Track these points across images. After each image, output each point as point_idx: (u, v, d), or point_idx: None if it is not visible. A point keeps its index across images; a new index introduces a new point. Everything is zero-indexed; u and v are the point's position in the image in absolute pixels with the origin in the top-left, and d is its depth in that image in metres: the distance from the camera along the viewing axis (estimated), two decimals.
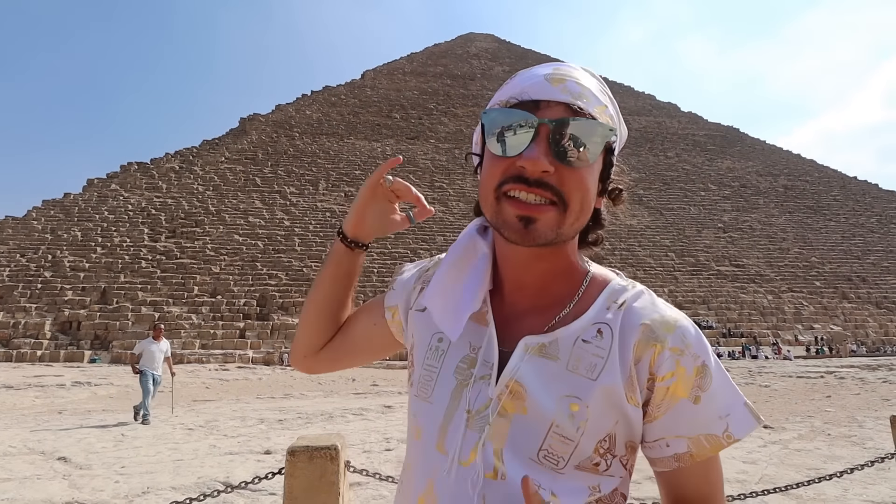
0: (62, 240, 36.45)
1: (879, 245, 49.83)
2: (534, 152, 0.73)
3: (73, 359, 26.66)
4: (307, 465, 1.98)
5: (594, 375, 0.75)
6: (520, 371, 0.76)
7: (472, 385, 0.78)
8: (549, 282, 0.82)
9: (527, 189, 0.74)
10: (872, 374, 17.11)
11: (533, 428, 0.74)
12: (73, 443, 7.15)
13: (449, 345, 0.83)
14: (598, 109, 0.79)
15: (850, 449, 6.68)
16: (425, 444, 0.80)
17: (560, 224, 0.75)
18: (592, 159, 0.76)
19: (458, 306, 0.81)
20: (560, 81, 0.78)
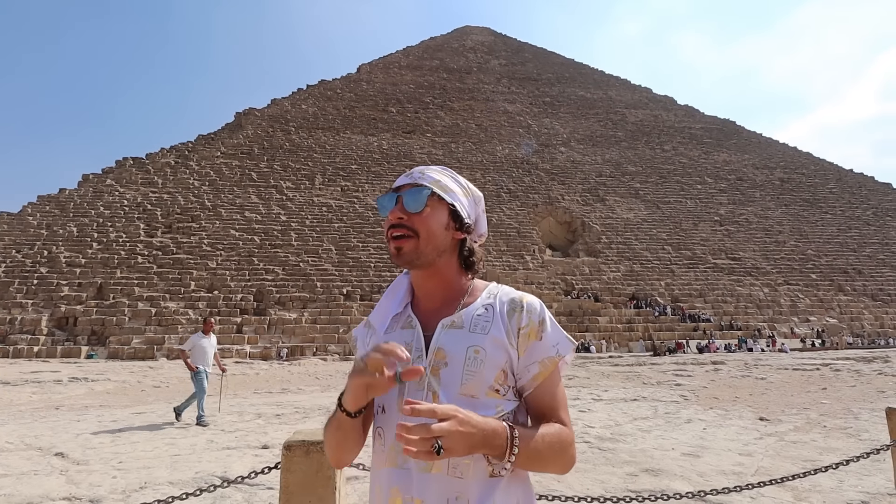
0: (58, 235, 36.28)
1: (875, 238, 50.03)
2: (394, 209, 1.29)
3: (70, 354, 26.60)
4: (303, 459, 1.96)
5: (486, 331, 1.23)
6: (440, 340, 1.24)
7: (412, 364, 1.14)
8: (441, 290, 1.32)
9: (395, 229, 1.27)
10: (868, 365, 17.21)
11: (453, 372, 1.19)
12: (70, 438, 7.15)
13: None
14: (430, 182, 1.30)
15: (845, 441, 6.72)
16: (390, 412, 1.22)
17: (417, 247, 1.25)
18: (420, 208, 1.27)
19: (387, 313, 1.32)
20: (409, 174, 1.34)
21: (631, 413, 9.03)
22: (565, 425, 1.24)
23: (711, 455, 5.95)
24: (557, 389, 1.27)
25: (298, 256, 37.35)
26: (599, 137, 65.18)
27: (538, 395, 1.24)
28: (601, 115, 71.24)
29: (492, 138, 61.36)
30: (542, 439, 1.17)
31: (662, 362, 21.74)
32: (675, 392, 12.09)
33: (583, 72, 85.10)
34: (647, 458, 5.81)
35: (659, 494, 2.84)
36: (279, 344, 29.74)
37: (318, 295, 33.95)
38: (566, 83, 79.25)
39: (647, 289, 39.45)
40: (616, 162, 59.75)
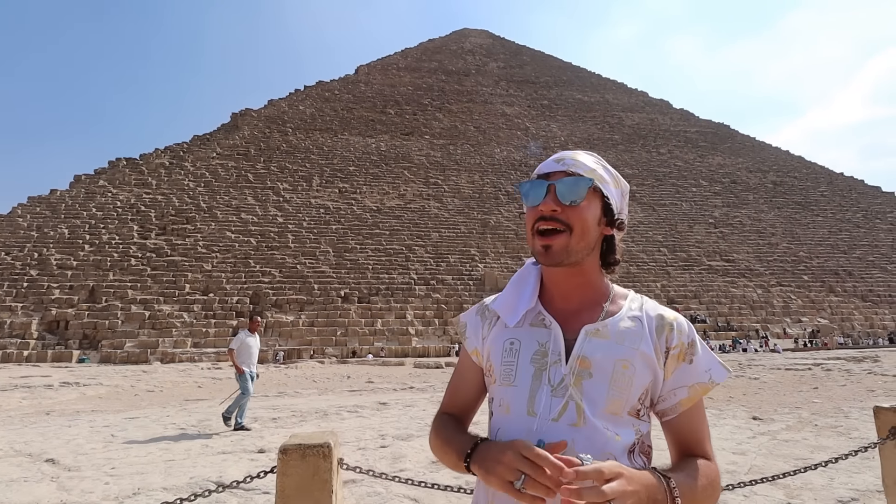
0: (48, 237, 36.01)
1: (865, 240, 50.44)
2: (547, 200, 1.17)
3: (61, 359, 26.36)
4: (300, 463, 1.97)
5: (636, 346, 1.14)
6: (584, 349, 1.14)
7: (548, 368, 1.13)
8: (582, 291, 1.22)
9: (545, 222, 1.17)
10: (858, 365, 17.35)
11: (598, 385, 1.10)
12: (61, 444, 7.09)
13: (520, 345, 1.18)
14: (585, 171, 1.19)
15: (836, 439, 6.77)
16: (516, 414, 1.13)
17: (568, 245, 1.16)
18: (580, 200, 1.16)
19: (517, 306, 1.22)
20: (560, 160, 1.22)
21: None
22: (710, 459, 1.15)
23: None
24: (703, 418, 1.19)
25: (295, 258, 37.25)
26: (596, 140, 65.44)
27: (683, 422, 1.16)
28: (598, 118, 71.53)
29: (490, 140, 61.48)
30: (697, 485, 1.08)
31: None
32: None
33: (580, 75, 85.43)
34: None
35: None
36: (276, 347, 29.63)
37: (316, 297, 33.87)
38: (564, 86, 79.53)
39: (644, 290, 39.51)
40: (613, 165, 58.98)
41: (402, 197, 48.27)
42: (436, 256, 39.92)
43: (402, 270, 37.46)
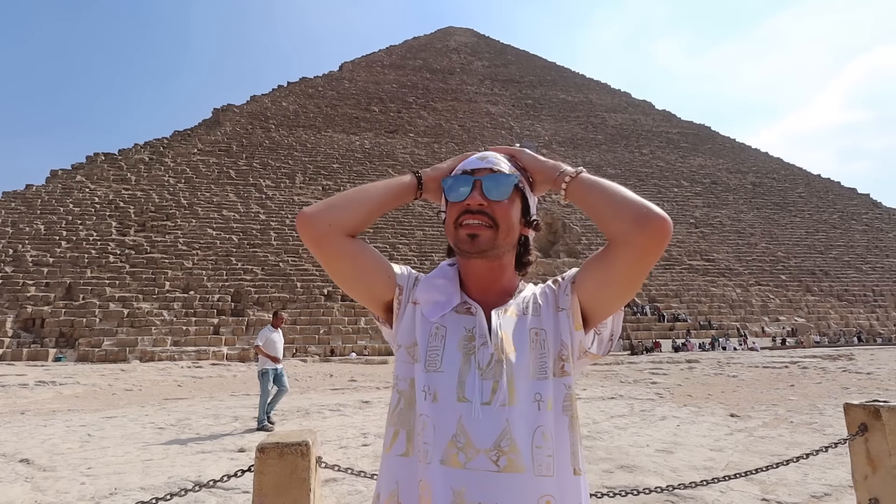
0: (24, 233, 35.14)
1: (841, 241, 51.67)
2: (473, 195, 1.20)
3: (37, 357, 25.78)
4: (277, 461, 1.96)
5: (541, 312, 1.19)
6: (501, 326, 1.16)
7: (476, 352, 1.14)
8: (498, 285, 1.25)
9: (471, 216, 1.19)
10: (833, 363, 17.76)
11: (521, 358, 1.13)
12: (36, 444, 6.94)
13: (446, 331, 1.18)
14: (509, 170, 1.24)
15: (810, 435, 6.93)
16: (444, 401, 1.11)
17: (495, 238, 1.19)
18: (505, 196, 1.20)
19: (442, 302, 1.21)
20: (484, 158, 1.25)
21: (608, 411, 9.16)
22: None
23: (684, 451, 6.08)
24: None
25: (278, 256, 36.91)
26: (580, 140, 65.95)
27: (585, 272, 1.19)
28: (582, 118, 72.09)
29: (474, 139, 61.55)
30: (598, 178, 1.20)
31: (639, 361, 22.09)
32: (650, 390, 12.31)
33: (564, 75, 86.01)
34: (623, 454, 5.91)
35: (633, 490, 2.90)
36: None
37: (299, 295, 33.60)
38: (548, 86, 79.99)
39: None
40: (596, 164, 60.50)
41: None
42: (420, 255, 39.88)
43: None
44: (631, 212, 1.08)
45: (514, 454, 1.05)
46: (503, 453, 1.05)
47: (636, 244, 1.07)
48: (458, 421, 1.08)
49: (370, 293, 1.28)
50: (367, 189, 1.28)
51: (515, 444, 1.06)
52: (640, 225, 1.06)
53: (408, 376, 1.18)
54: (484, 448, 1.06)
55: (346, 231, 1.23)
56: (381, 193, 1.28)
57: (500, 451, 1.05)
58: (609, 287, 1.14)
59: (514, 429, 1.07)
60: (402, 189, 1.31)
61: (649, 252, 1.07)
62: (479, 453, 1.05)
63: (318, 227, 1.20)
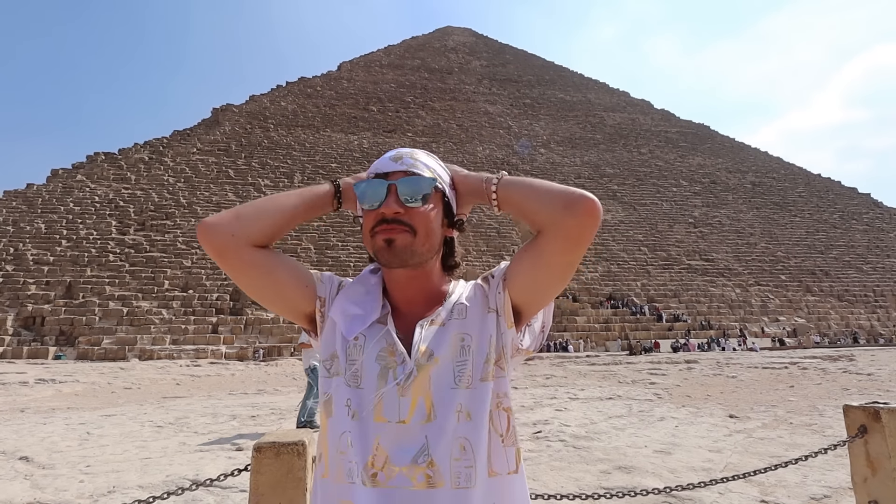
0: (25, 232, 35.14)
1: (841, 240, 51.67)
2: (388, 202, 1.11)
3: (37, 355, 25.78)
4: (273, 461, 1.96)
5: (466, 314, 1.15)
6: (422, 338, 1.10)
7: (396, 367, 1.09)
8: (424, 294, 1.19)
9: (387, 226, 1.11)
10: (833, 364, 17.75)
11: (444, 369, 1.09)
12: (35, 442, 6.94)
13: (365, 341, 1.12)
14: (425, 171, 1.15)
15: (810, 437, 6.91)
16: (364, 419, 1.07)
17: (413, 244, 1.11)
18: (424, 201, 1.12)
19: (361, 316, 1.15)
20: (398, 159, 1.16)
21: (606, 411, 9.15)
22: None
23: (682, 452, 6.07)
24: None
25: None
26: (578, 139, 65.95)
27: (516, 266, 1.15)
28: (580, 117, 72.09)
29: (473, 139, 61.56)
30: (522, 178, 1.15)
31: (638, 361, 22.09)
32: (649, 391, 12.30)
33: (562, 74, 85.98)
34: (621, 455, 5.90)
35: (631, 492, 2.89)
36: (256, 344, 29.34)
37: None
38: (546, 85, 79.98)
39: (624, 289, 40.04)
40: (594, 164, 60.52)
41: None
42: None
43: None
44: (560, 198, 1.06)
45: (431, 470, 1.03)
46: (421, 470, 1.03)
47: (567, 227, 1.04)
48: (377, 440, 1.05)
49: (288, 306, 1.22)
50: (278, 198, 1.20)
51: (433, 460, 1.04)
52: (570, 208, 1.04)
53: (326, 391, 1.13)
54: (402, 466, 1.03)
55: (252, 242, 1.15)
56: (293, 203, 1.19)
57: (417, 468, 1.03)
58: (541, 278, 1.11)
59: (433, 445, 1.04)
60: (318, 199, 1.21)
61: (581, 235, 1.05)
62: (397, 472, 1.03)
63: (219, 237, 1.13)
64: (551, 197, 1.07)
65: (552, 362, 22.71)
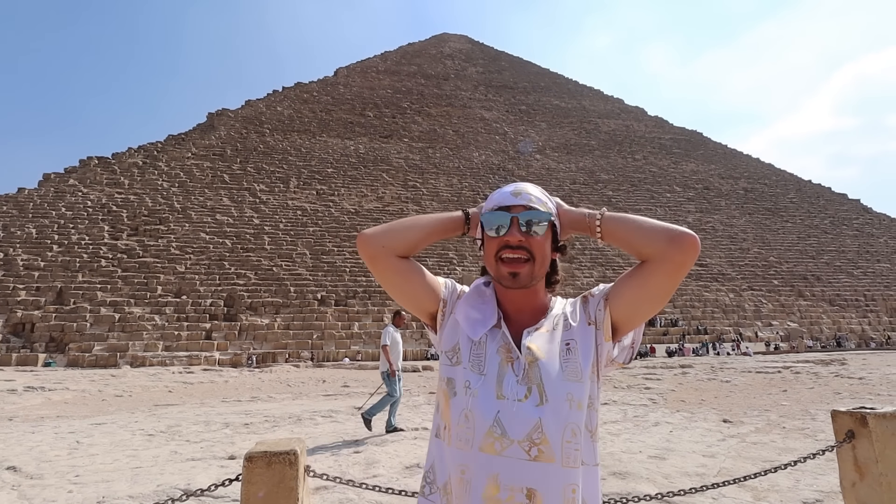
0: (15, 237, 34.84)
1: (832, 246, 52.08)
2: (513, 231, 1.34)
3: (26, 362, 25.51)
4: (265, 470, 1.94)
5: (570, 326, 1.34)
6: (531, 340, 1.30)
7: (514, 362, 1.28)
8: (532, 307, 1.39)
9: (512, 251, 1.33)
10: (825, 368, 17.86)
11: (553, 363, 1.28)
12: (23, 451, 6.85)
13: (487, 339, 1.33)
14: (541, 206, 1.37)
15: (802, 441, 6.94)
16: (485, 397, 1.25)
17: (533, 272, 1.34)
18: (542, 232, 1.35)
19: (481, 323, 1.35)
20: (518, 194, 1.37)
21: (601, 417, 9.14)
22: None
23: (677, 457, 6.08)
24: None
25: (271, 261, 36.77)
26: (573, 146, 66.26)
27: (619, 288, 1.35)
28: (575, 124, 72.47)
29: (468, 144, 61.72)
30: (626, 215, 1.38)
31: (633, 366, 22.12)
32: (644, 395, 12.32)
33: (557, 81, 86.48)
34: (616, 461, 5.90)
35: (624, 497, 2.89)
36: (250, 350, 29.16)
37: (292, 300, 33.46)
38: (542, 92, 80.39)
39: None
40: (589, 170, 60.80)
41: (380, 199, 48.10)
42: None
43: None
44: (665, 234, 1.27)
45: (544, 446, 1.20)
46: (535, 444, 1.20)
47: (673, 260, 1.25)
48: (496, 414, 1.22)
49: (417, 304, 1.45)
50: (421, 219, 1.45)
51: (546, 437, 1.21)
52: (676, 243, 1.25)
53: (449, 377, 1.33)
54: (517, 439, 1.20)
55: (397, 253, 1.41)
56: (433, 225, 1.45)
57: (532, 442, 1.20)
58: (644, 301, 1.31)
59: (546, 424, 1.21)
60: (452, 224, 1.46)
61: (683, 265, 1.26)
62: (513, 443, 1.20)
63: (373, 247, 1.39)
64: (657, 233, 1.29)
65: None
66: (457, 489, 1.23)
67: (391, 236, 1.40)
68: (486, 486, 1.18)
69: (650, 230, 1.30)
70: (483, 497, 1.18)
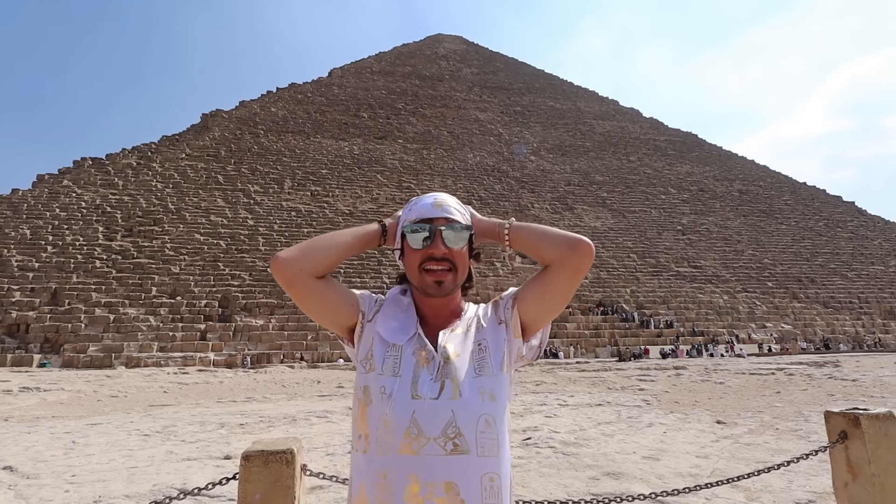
0: (9, 238, 34.63)
1: (826, 248, 52.40)
2: (437, 244, 1.40)
3: (21, 363, 25.36)
4: (262, 469, 1.96)
5: (481, 327, 1.43)
6: (447, 341, 1.38)
7: (428, 363, 1.34)
8: (448, 312, 1.46)
9: (436, 263, 1.40)
10: (819, 370, 17.97)
11: (466, 361, 1.35)
12: (19, 451, 6.83)
13: (403, 344, 1.38)
14: (461, 218, 1.45)
15: (796, 442, 7.00)
16: (400, 399, 1.29)
17: (455, 280, 1.43)
18: (463, 244, 1.43)
19: (401, 331, 1.40)
20: (439, 206, 1.45)
21: (595, 418, 9.20)
22: None
23: (670, 458, 6.12)
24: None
25: (266, 262, 36.63)
26: (568, 147, 66.42)
27: (526, 291, 1.44)
28: (570, 125, 72.65)
29: (463, 146, 61.77)
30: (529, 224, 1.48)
31: (627, 368, 22.20)
32: (638, 397, 12.38)
33: (552, 83, 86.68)
34: (609, 461, 5.94)
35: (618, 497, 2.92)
36: (245, 351, 29.08)
37: (286, 301, 33.36)
38: (536, 93, 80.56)
39: (614, 296, 40.26)
40: (584, 171, 60.96)
41: (374, 201, 48.09)
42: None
43: (374, 274, 37.25)
44: (565, 241, 1.38)
45: (459, 439, 1.26)
46: (450, 439, 1.25)
47: (571, 264, 1.37)
48: (412, 415, 1.27)
49: (336, 321, 1.49)
50: (337, 237, 1.46)
51: (461, 430, 1.26)
52: (574, 249, 1.36)
53: (364, 385, 1.37)
54: (433, 436, 1.25)
55: (315, 274, 1.42)
56: (350, 241, 1.47)
57: (447, 437, 1.25)
58: (547, 301, 1.42)
59: (460, 418, 1.27)
60: (369, 237, 1.50)
61: (580, 269, 1.37)
62: (429, 441, 1.25)
63: (290, 272, 1.39)
64: (558, 240, 1.39)
65: (542, 369, 22.76)
66: (379, 495, 1.24)
67: (309, 258, 1.40)
68: (407, 487, 1.22)
69: (552, 237, 1.40)
70: (405, 498, 1.21)
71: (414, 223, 1.43)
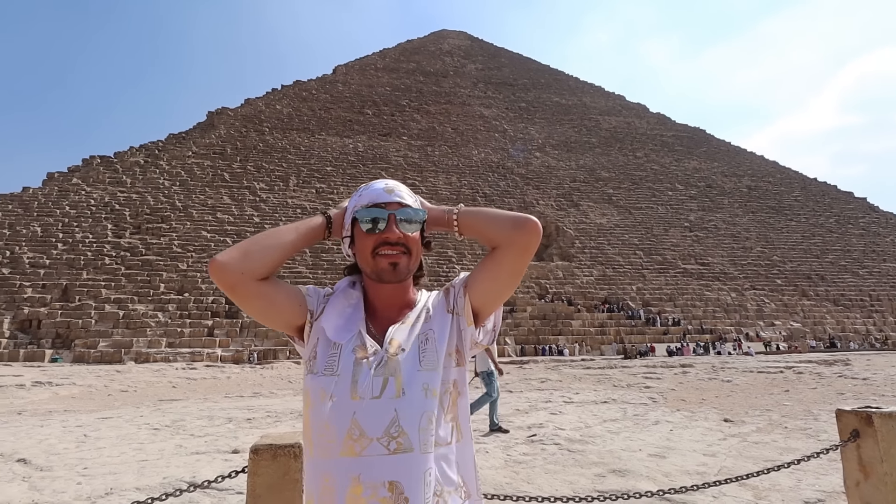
0: (21, 235, 35.01)
1: (837, 245, 51.90)
2: (391, 228, 1.36)
3: (34, 358, 25.68)
4: (270, 463, 1.98)
5: (431, 317, 1.38)
6: (393, 336, 1.32)
7: (368, 357, 1.29)
8: (400, 301, 1.41)
9: (390, 247, 1.35)
10: (829, 368, 17.82)
11: (412, 355, 1.30)
12: (33, 444, 6.93)
13: (344, 341, 1.32)
14: (414, 203, 1.42)
15: (805, 441, 6.94)
16: (340, 400, 1.25)
17: (409, 265, 1.38)
18: (417, 229, 1.40)
19: (344, 328, 1.35)
20: (390, 191, 1.40)
21: (601, 415, 9.18)
22: None
23: (677, 456, 6.10)
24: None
25: None
26: (574, 143, 66.12)
27: (475, 275, 1.41)
28: (576, 121, 72.29)
29: (468, 142, 61.64)
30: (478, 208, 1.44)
31: (633, 365, 22.13)
32: (644, 394, 12.34)
33: (558, 78, 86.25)
34: (615, 459, 5.93)
35: (624, 494, 2.92)
36: (252, 347, 29.26)
37: None
38: (542, 89, 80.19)
39: (620, 293, 40.13)
40: (590, 168, 60.67)
41: None
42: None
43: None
44: (511, 221, 1.35)
45: (402, 438, 1.23)
46: (393, 438, 1.22)
47: (518, 243, 1.34)
48: (353, 416, 1.23)
49: (284, 323, 1.40)
50: (279, 234, 1.37)
51: (403, 429, 1.23)
52: (519, 228, 1.33)
53: (309, 387, 1.32)
54: (376, 436, 1.22)
55: (258, 277, 1.33)
56: (292, 239, 1.38)
57: (390, 436, 1.22)
58: (498, 283, 1.38)
59: (402, 417, 1.24)
60: (312, 231, 1.41)
61: (528, 247, 1.34)
62: (372, 441, 1.22)
63: (231, 276, 1.30)
64: (504, 221, 1.36)
65: (547, 366, 22.74)
66: (323, 499, 1.22)
67: (250, 260, 1.31)
68: (350, 489, 1.19)
69: (498, 219, 1.37)
70: (347, 501, 1.19)
71: (367, 208, 1.37)
